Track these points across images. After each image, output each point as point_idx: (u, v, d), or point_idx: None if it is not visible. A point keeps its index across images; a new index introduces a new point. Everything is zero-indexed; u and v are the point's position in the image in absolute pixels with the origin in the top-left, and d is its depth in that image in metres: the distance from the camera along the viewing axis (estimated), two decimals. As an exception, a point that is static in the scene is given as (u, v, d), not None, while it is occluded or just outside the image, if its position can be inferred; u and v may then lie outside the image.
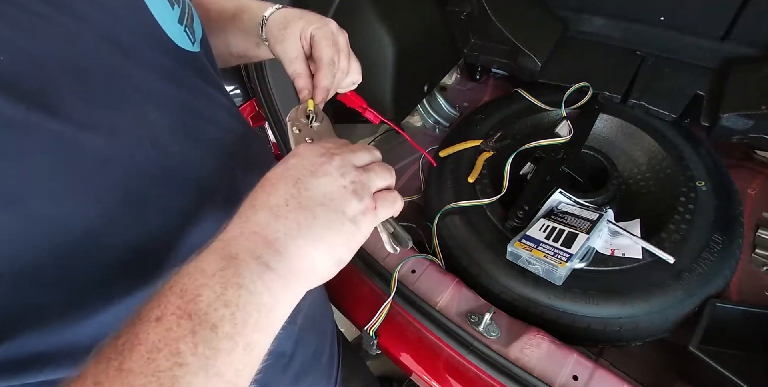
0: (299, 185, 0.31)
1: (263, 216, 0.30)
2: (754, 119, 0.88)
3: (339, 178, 0.32)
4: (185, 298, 0.25)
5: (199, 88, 0.40)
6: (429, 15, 1.17)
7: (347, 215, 0.32)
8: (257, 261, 0.28)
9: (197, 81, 0.40)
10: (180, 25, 0.39)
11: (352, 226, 0.32)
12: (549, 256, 0.75)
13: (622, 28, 1.15)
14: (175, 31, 0.38)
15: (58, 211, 0.26)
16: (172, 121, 0.35)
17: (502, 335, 0.70)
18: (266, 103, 0.90)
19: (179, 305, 0.25)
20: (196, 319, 0.24)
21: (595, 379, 0.64)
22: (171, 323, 0.24)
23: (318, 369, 0.62)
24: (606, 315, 0.75)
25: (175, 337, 0.23)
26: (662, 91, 1.04)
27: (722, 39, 1.00)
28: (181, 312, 0.24)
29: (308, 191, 0.31)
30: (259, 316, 0.27)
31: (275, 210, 0.30)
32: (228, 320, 0.25)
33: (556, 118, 1.09)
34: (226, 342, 0.25)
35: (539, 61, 1.12)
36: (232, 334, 0.25)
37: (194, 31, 0.42)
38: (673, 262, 0.77)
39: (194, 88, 0.39)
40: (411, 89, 1.17)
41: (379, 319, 0.74)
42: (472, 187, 0.96)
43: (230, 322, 0.25)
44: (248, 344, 0.26)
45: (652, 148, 0.99)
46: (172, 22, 0.38)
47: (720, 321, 0.74)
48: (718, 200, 0.87)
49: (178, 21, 0.39)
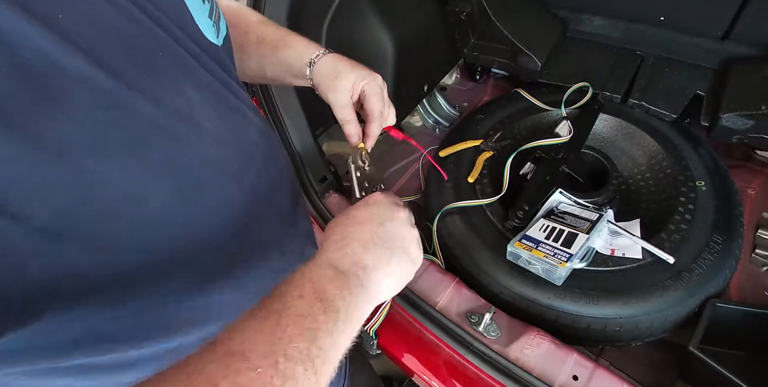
0: (383, 226, 0.42)
1: (357, 247, 0.39)
2: (754, 119, 0.88)
3: (409, 227, 0.44)
4: (317, 289, 0.34)
5: (224, 79, 0.42)
6: (429, 15, 1.18)
7: (411, 257, 0.42)
8: (357, 279, 0.37)
9: (222, 73, 0.42)
10: (210, 19, 0.41)
11: (411, 266, 0.42)
12: (549, 256, 0.75)
13: (622, 28, 1.15)
14: (204, 24, 0.40)
15: (104, 169, 0.27)
16: (204, 100, 0.36)
17: (502, 335, 0.70)
18: (266, 103, 0.90)
19: (314, 292, 0.33)
20: (326, 303, 0.33)
21: (595, 379, 0.64)
22: (311, 302, 0.32)
23: None
24: (606, 315, 0.75)
25: (315, 311, 0.32)
26: (662, 91, 1.04)
27: (722, 39, 1.00)
28: (316, 296, 0.33)
29: (388, 232, 0.41)
30: (356, 314, 0.36)
31: (365, 243, 0.40)
32: (344, 309, 0.34)
33: (556, 118, 1.09)
34: (342, 324, 0.34)
35: (539, 61, 1.12)
36: (344, 320, 0.34)
37: (220, 28, 0.44)
38: (673, 262, 0.77)
39: (220, 77, 0.41)
40: (411, 89, 1.17)
41: (379, 319, 0.74)
42: (472, 187, 0.96)
43: (345, 311, 0.34)
44: (349, 331, 0.35)
45: (652, 148, 0.99)
46: (203, 16, 0.40)
47: (720, 321, 0.74)
48: (718, 200, 0.87)
49: (208, 15, 0.40)
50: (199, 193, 0.35)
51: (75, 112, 0.25)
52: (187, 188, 0.34)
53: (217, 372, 0.26)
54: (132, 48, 0.30)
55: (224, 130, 0.38)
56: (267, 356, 0.28)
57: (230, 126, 0.39)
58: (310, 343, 0.30)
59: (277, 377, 0.27)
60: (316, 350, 0.30)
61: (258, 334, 0.29)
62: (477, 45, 1.24)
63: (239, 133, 0.41)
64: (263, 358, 0.28)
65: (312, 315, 0.32)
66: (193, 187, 0.34)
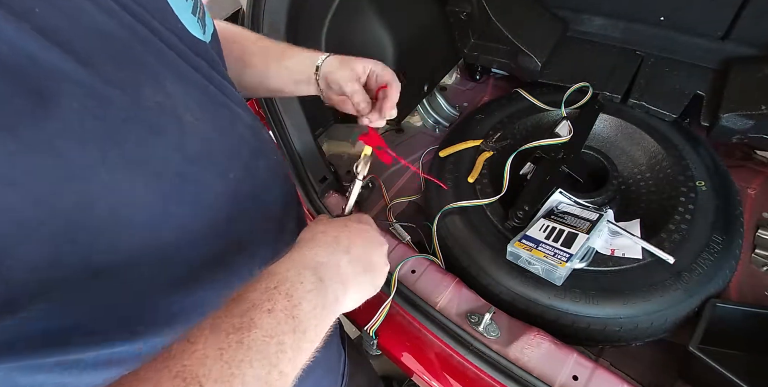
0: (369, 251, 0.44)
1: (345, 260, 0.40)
2: (754, 119, 0.88)
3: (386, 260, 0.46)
4: (291, 302, 0.33)
5: (211, 75, 0.41)
6: (429, 15, 1.18)
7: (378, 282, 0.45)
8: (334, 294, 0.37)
9: (209, 69, 0.42)
10: (194, 16, 0.41)
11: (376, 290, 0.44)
12: (549, 256, 0.75)
13: (622, 28, 1.15)
14: (188, 20, 0.40)
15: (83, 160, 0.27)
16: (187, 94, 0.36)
17: (502, 335, 0.70)
18: (266, 103, 0.90)
19: (286, 306, 0.32)
20: (297, 322, 0.32)
21: (595, 379, 0.64)
22: (280, 319, 0.31)
23: (326, 362, 0.65)
24: (606, 315, 0.75)
25: (283, 330, 0.31)
26: (662, 91, 1.04)
27: (722, 39, 1.00)
28: (288, 312, 0.32)
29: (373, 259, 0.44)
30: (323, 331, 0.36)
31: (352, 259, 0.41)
32: (312, 329, 0.34)
33: (556, 118, 1.09)
34: (307, 344, 0.33)
35: (539, 61, 1.12)
36: (311, 340, 0.34)
37: (206, 24, 0.43)
38: (673, 262, 0.77)
39: (206, 73, 0.41)
40: (411, 89, 1.17)
41: (379, 319, 0.74)
42: (472, 187, 0.96)
43: (313, 331, 0.34)
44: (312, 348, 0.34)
45: (652, 148, 0.99)
46: (186, 12, 0.40)
47: (720, 321, 0.74)
48: (718, 200, 0.87)
49: (191, 12, 0.40)
50: (180, 188, 0.34)
51: (52, 103, 0.25)
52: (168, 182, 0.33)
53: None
54: (110, 42, 0.30)
55: (209, 125, 0.38)
56: (222, 381, 0.26)
57: (216, 121, 0.39)
58: (272, 368, 0.29)
59: None
60: (277, 374, 0.29)
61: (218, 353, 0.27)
62: (477, 45, 1.24)
63: (225, 129, 0.41)
64: (217, 383, 0.26)
65: (279, 335, 0.30)
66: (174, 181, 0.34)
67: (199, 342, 0.28)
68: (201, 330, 0.29)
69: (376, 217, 1.09)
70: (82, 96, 0.27)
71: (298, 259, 0.37)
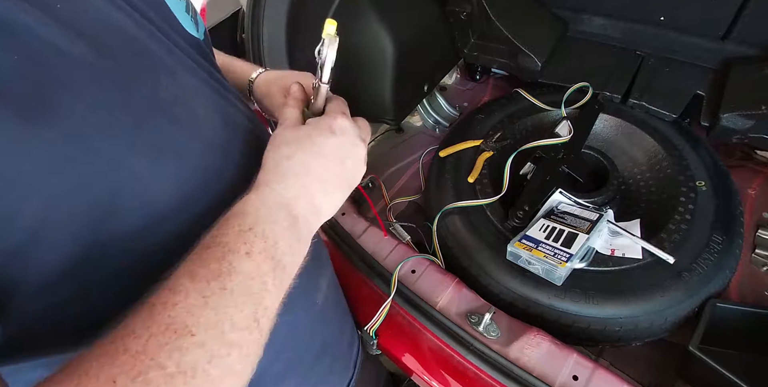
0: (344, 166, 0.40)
1: (317, 188, 0.38)
2: (754, 119, 0.88)
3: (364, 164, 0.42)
4: (268, 243, 0.32)
5: (210, 71, 0.42)
6: (429, 15, 1.17)
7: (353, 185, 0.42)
8: (308, 226, 0.37)
9: (208, 66, 0.42)
10: (187, 14, 0.42)
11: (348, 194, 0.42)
12: (549, 256, 0.75)
13: (622, 28, 1.15)
14: (183, 18, 0.40)
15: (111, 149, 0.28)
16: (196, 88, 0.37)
17: (502, 335, 0.70)
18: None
19: (264, 247, 0.32)
20: (276, 262, 0.32)
21: (595, 379, 0.64)
22: (259, 261, 0.31)
23: (340, 348, 0.66)
24: (606, 315, 0.75)
25: (263, 271, 0.31)
26: (662, 91, 1.04)
27: (722, 39, 1.00)
28: (266, 254, 0.32)
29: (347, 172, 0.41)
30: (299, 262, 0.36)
31: (324, 184, 0.38)
32: (290, 265, 0.34)
33: (556, 118, 1.09)
34: (287, 278, 0.34)
35: (539, 61, 1.12)
36: (290, 274, 0.34)
37: (198, 22, 0.44)
38: (673, 262, 0.77)
39: (207, 70, 0.41)
40: (411, 89, 1.17)
41: (379, 319, 0.74)
42: (472, 187, 0.96)
43: (291, 266, 0.34)
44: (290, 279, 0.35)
45: (652, 148, 0.99)
46: (181, 11, 0.40)
47: (720, 321, 0.74)
48: (718, 200, 0.87)
49: (185, 10, 0.41)
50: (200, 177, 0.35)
51: (81, 94, 0.26)
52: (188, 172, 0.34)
53: (161, 350, 0.25)
54: (126, 37, 0.31)
55: (218, 117, 0.39)
56: (212, 327, 0.27)
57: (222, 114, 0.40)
58: (257, 306, 0.30)
59: (224, 347, 0.27)
60: (262, 311, 0.30)
61: (203, 301, 0.28)
62: (477, 45, 1.24)
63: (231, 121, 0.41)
64: (208, 330, 0.27)
65: (260, 276, 0.31)
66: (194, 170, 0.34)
67: (181, 292, 0.27)
68: (179, 279, 0.28)
69: (375, 218, 1.10)
70: (109, 87, 0.28)
71: (268, 196, 0.35)
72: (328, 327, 0.62)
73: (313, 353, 0.58)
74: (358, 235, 0.88)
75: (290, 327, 0.52)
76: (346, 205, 0.95)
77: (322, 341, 0.60)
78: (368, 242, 0.86)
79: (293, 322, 0.52)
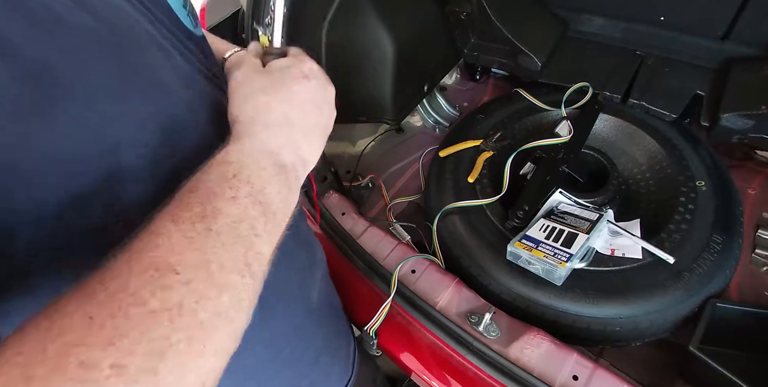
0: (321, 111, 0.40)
1: (300, 136, 0.37)
2: (754, 119, 0.88)
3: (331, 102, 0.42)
4: (255, 188, 0.31)
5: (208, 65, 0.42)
6: (429, 15, 1.17)
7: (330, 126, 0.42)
8: (295, 174, 0.36)
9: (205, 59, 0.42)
10: (184, 9, 0.41)
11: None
12: (549, 256, 0.75)
13: (622, 28, 1.15)
14: (181, 13, 0.40)
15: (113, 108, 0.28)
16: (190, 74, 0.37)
17: (502, 335, 0.70)
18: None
19: (250, 192, 0.31)
20: (265, 206, 0.31)
21: (595, 379, 0.64)
22: (246, 205, 0.30)
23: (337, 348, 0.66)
24: (606, 315, 0.75)
25: (252, 215, 0.30)
26: (662, 91, 1.04)
27: (722, 39, 1.00)
28: (252, 198, 0.31)
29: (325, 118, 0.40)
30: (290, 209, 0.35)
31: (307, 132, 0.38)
32: (280, 211, 0.33)
33: (556, 118, 1.09)
34: (278, 226, 0.33)
35: (539, 61, 1.12)
36: (281, 221, 0.33)
37: (196, 17, 0.44)
38: (673, 262, 0.77)
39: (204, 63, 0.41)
40: (411, 89, 1.17)
41: (379, 319, 0.74)
42: (472, 187, 0.96)
43: (282, 214, 0.33)
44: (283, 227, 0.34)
45: (652, 148, 0.99)
46: (179, 6, 0.40)
47: (720, 321, 0.74)
48: (718, 200, 0.87)
49: (182, 5, 0.41)
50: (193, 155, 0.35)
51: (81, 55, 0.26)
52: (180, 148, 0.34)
53: (143, 288, 0.23)
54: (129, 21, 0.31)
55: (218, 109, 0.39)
56: (199, 267, 0.25)
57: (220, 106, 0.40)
58: (247, 249, 0.28)
59: (213, 288, 0.25)
60: (253, 255, 0.29)
61: (186, 241, 0.26)
62: (477, 45, 1.24)
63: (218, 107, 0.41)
64: (195, 270, 0.25)
65: (248, 220, 0.29)
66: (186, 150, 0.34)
67: (163, 234, 0.26)
68: (161, 221, 0.27)
69: (376, 218, 1.10)
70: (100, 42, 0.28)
71: (252, 145, 0.34)
72: (325, 324, 0.62)
73: (312, 352, 0.58)
74: (358, 235, 0.88)
75: (287, 323, 0.52)
76: (347, 205, 0.95)
77: (320, 338, 0.60)
78: (368, 242, 0.86)
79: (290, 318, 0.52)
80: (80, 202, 0.27)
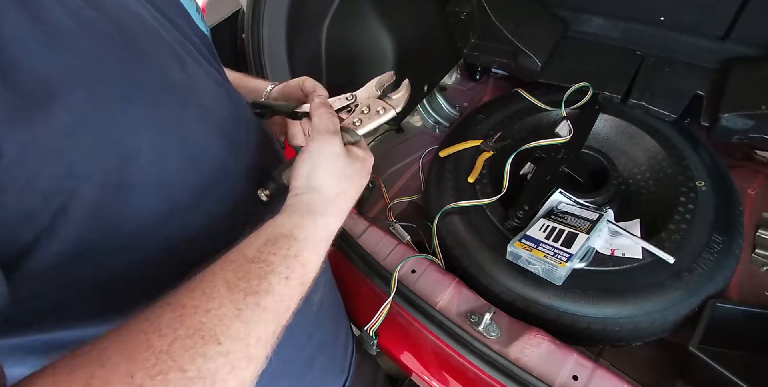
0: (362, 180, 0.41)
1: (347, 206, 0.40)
2: (754, 119, 0.88)
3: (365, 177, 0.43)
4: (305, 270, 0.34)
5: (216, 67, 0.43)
6: (429, 15, 1.18)
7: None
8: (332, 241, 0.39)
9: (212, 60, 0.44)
10: (198, 14, 0.44)
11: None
12: (549, 256, 0.75)
13: (622, 28, 1.15)
14: (195, 16, 0.43)
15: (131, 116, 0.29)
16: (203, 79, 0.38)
17: (502, 335, 0.70)
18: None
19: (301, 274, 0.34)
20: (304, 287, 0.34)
21: (595, 379, 0.64)
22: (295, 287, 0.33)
23: (335, 349, 0.66)
24: (606, 315, 0.75)
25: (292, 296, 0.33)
26: (662, 91, 1.04)
27: (722, 39, 1.00)
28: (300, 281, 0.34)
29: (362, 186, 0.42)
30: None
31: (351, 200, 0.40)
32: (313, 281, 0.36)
33: (556, 118, 1.09)
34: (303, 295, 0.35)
35: (539, 61, 1.12)
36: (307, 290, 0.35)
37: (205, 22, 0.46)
38: (673, 262, 0.77)
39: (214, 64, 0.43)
40: (411, 89, 1.17)
41: (379, 319, 0.74)
42: (472, 187, 0.96)
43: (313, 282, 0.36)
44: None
45: (652, 148, 0.99)
46: (193, 10, 0.43)
47: (720, 321, 0.74)
48: (718, 200, 0.87)
49: (196, 10, 0.44)
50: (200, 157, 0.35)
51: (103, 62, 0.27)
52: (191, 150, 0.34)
53: (184, 354, 0.25)
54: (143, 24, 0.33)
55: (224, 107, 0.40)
56: (240, 339, 0.28)
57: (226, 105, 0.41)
58: (278, 326, 0.31)
59: (245, 359, 0.28)
60: (281, 329, 0.32)
61: (236, 313, 0.28)
62: (477, 45, 1.24)
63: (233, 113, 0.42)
64: (235, 341, 0.28)
65: (290, 300, 0.33)
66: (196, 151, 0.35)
67: (215, 300, 0.28)
68: (216, 285, 0.29)
69: (376, 218, 1.10)
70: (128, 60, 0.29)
71: (321, 229, 0.37)
72: (324, 327, 0.62)
73: (309, 353, 0.58)
74: (358, 235, 0.88)
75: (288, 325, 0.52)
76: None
77: (318, 341, 0.60)
78: (368, 242, 0.86)
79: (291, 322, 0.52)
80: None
